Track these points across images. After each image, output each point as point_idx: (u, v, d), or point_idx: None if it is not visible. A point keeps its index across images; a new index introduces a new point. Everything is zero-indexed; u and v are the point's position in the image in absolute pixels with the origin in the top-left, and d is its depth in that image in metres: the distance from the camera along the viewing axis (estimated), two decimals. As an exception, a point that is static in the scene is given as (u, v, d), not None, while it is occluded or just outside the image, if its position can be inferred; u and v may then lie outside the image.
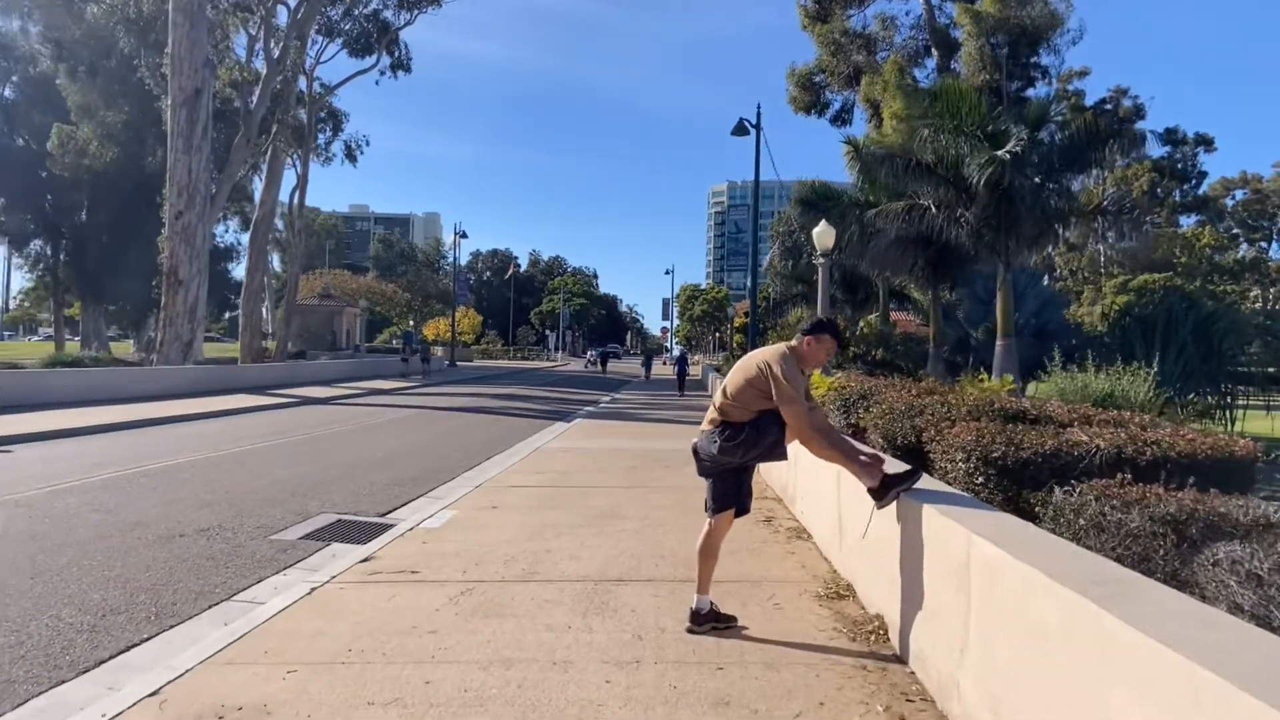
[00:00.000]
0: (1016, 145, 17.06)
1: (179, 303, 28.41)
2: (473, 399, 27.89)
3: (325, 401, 25.78)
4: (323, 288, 70.84)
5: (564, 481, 10.28)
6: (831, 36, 49.87)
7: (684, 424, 19.17)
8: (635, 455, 12.98)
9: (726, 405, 4.66)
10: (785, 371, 4.46)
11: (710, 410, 4.80)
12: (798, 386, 4.48)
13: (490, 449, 14.35)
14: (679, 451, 13.33)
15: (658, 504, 8.74)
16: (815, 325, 4.74)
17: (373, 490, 10.05)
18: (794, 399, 4.44)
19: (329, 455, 13.06)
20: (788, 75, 52.62)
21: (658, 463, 12.11)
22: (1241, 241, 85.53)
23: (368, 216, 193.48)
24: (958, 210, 19.28)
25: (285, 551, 7.00)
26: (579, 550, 6.65)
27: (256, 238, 42.46)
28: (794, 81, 52.63)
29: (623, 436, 16.20)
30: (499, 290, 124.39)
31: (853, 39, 50.20)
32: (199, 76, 28.57)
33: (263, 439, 15.00)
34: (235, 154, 36.87)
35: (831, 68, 51.15)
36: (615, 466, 11.68)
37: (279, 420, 18.94)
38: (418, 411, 22.64)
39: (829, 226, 15.71)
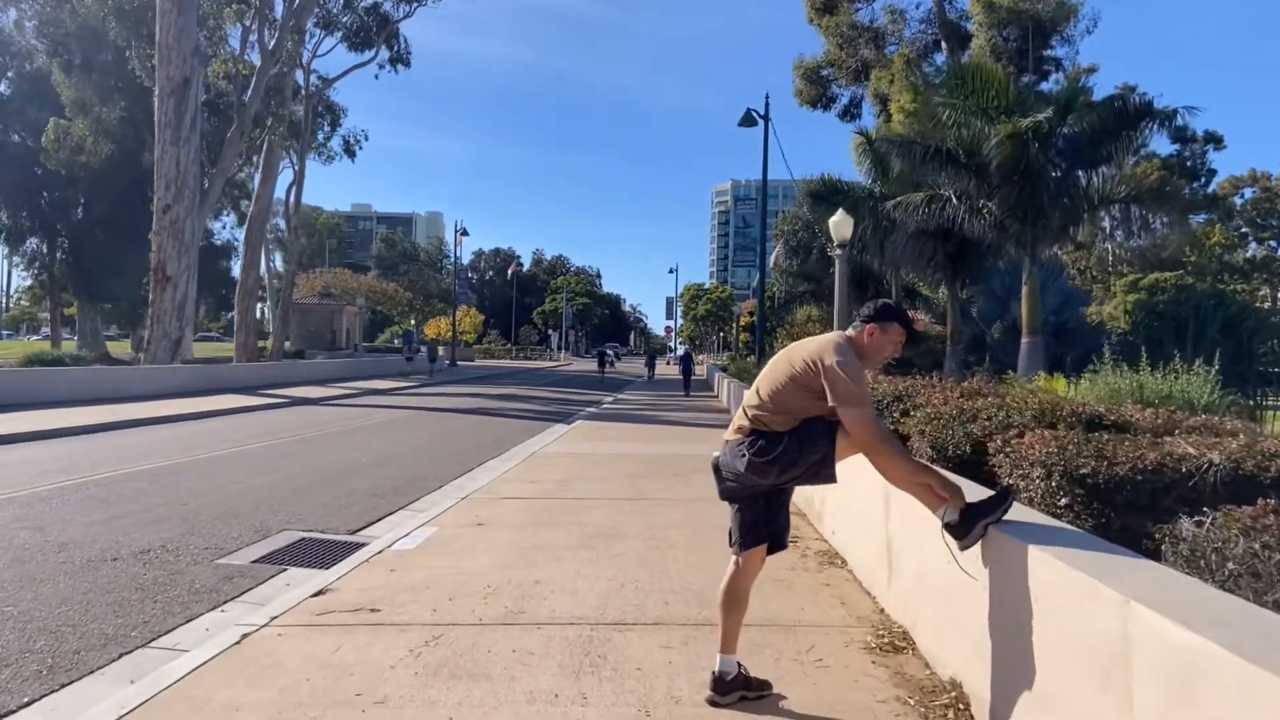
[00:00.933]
0: (1043, 119, 15.99)
1: (167, 300, 27.44)
2: (471, 399, 26.89)
3: (318, 402, 24.78)
4: (323, 286, 69.98)
5: (560, 492, 9.25)
6: (839, 30, 48.90)
7: (690, 426, 18.15)
8: (639, 461, 11.95)
9: (760, 410, 3.63)
10: (845, 365, 3.43)
11: (737, 417, 3.77)
12: (863, 385, 3.45)
13: (483, 453, 13.33)
14: (687, 457, 12.29)
15: (665, 520, 7.71)
16: (882, 310, 3.68)
17: (349, 501, 9.03)
18: (861, 399, 3.41)
19: (309, 460, 12.05)
20: (794, 68, 51.59)
21: (664, 470, 11.07)
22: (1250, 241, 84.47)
23: (370, 215, 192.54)
24: (980, 200, 18.23)
25: (230, 580, 5.98)
26: (573, 581, 5.62)
27: (251, 234, 41.46)
28: (800, 75, 51.63)
29: (626, 440, 15.18)
30: (501, 290, 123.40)
31: (861, 32, 49.20)
32: (187, 65, 27.60)
33: (242, 442, 13.99)
34: (228, 147, 35.87)
35: (839, 61, 50.17)
36: (617, 474, 10.65)
37: (265, 422, 17.94)
38: (412, 413, 21.64)
39: (846, 216, 14.68)
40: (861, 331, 3.63)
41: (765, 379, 3.69)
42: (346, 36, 45.86)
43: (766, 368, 3.78)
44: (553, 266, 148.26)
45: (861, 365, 3.50)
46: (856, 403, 3.39)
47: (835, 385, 3.40)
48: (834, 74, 50.93)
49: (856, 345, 3.59)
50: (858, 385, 3.41)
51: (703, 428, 17.87)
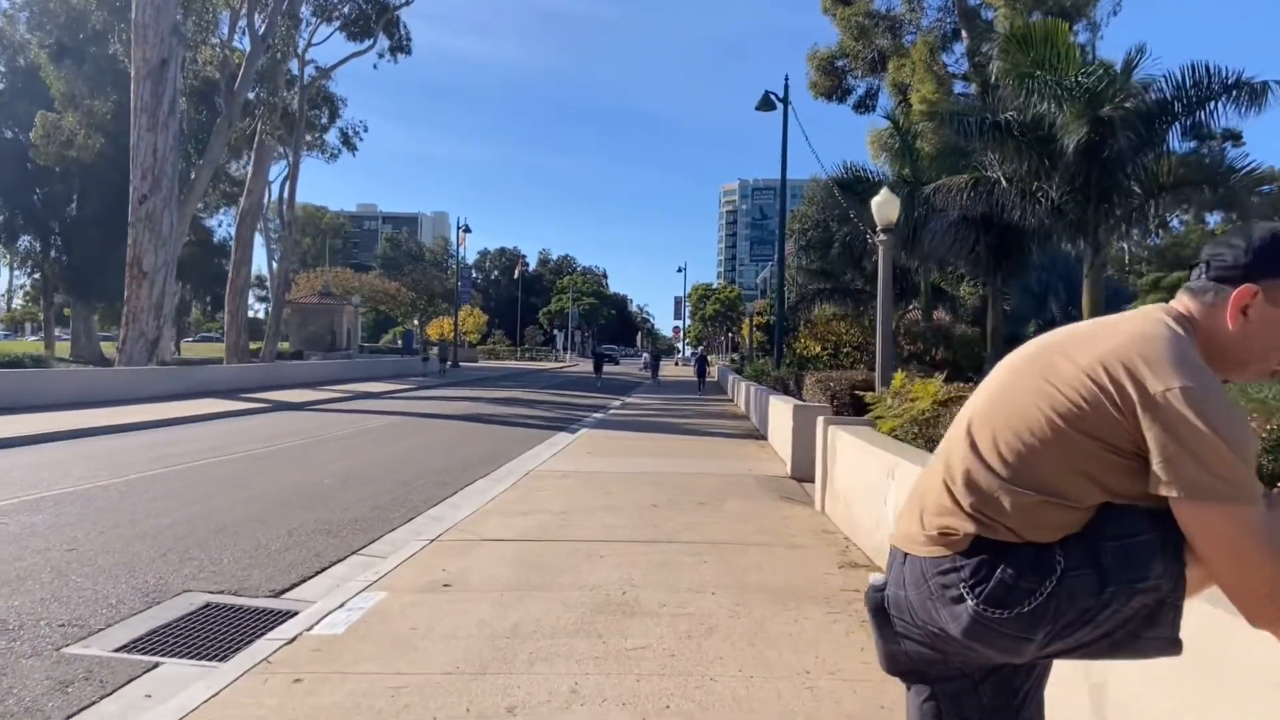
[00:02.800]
0: (1123, 100, 14.02)
1: (143, 296, 25.59)
2: (469, 404, 24.98)
3: (302, 407, 22.90)
4: (322, 286, 68.24)
5: (557, 530, 7.29)
6: (854, 19, 47.14)
7: (709, 436, 16.18)
8: (655, 482, 9.99)
9: (995, 492, 1.59)
10: (1201, 398, 1.43)
11: (921, 497, 1.77)
12: (1245, 448, 1.44)
13: (471, 472, 11.40)
14: (710, 478, 10.33)
15: (697, 580, 5.74)
16: (1272, 249, 1.60)
17: (289, 543, 7.10)
18: (1241, 486, 1.41)
19: (261, 482, 10.12)
20: (808, 59, 49.80)
21: (685, 496, 9.11)
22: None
23: (375, 216, 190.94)
24: (1034, 183, 16.24)
25: (65, 690, 4.04)
26: (567, 704, 3.66)
27: (243, 230, 39.74)
28: (815, 66, 49.85)
29: (637, 453, 13.22)
30: (507, 290, 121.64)
31: (877, 21, 47.39)
32: (165, 46, 25.74)
33: (190, 458, 12.06)
34: (216, 137, 34.05)
35: (854, 51, 48.48)
36: (629, 503, 8.69)
37: (235, 430, 16.04)
38: (402, 420, 19.73)
39: (891, 195, 12.73)
40: (1220, 304, 1.62)
41: (996, 416, 1.66)
42: (344, 25, 44.13)
43: (991, 385, 1.77)
44: (559, 266, 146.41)
45: (1224, 392, 1.50)
46: (1232, 495, 1.41)
47: (1181, 452, 1.42)
48: (849, 65, 49.32)
49: (1209, 337, 1.59)
50: (1233, 449, 1.42)
51: (723, 438, 15.90)
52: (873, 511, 6.25)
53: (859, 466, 6.82)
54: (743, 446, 14.46)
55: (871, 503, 6.33)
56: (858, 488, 6.84)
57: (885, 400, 8.19)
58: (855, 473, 6.95)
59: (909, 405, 7.14)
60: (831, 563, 6.17)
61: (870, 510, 6.33)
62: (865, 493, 6.55)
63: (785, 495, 9.41)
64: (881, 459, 6.10)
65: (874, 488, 6.23)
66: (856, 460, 6.95)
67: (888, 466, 5.88)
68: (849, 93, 50.27)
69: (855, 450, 7.00)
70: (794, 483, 10.45)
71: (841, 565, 6.07)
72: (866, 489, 6.54)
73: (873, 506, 6.28)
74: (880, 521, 6.00)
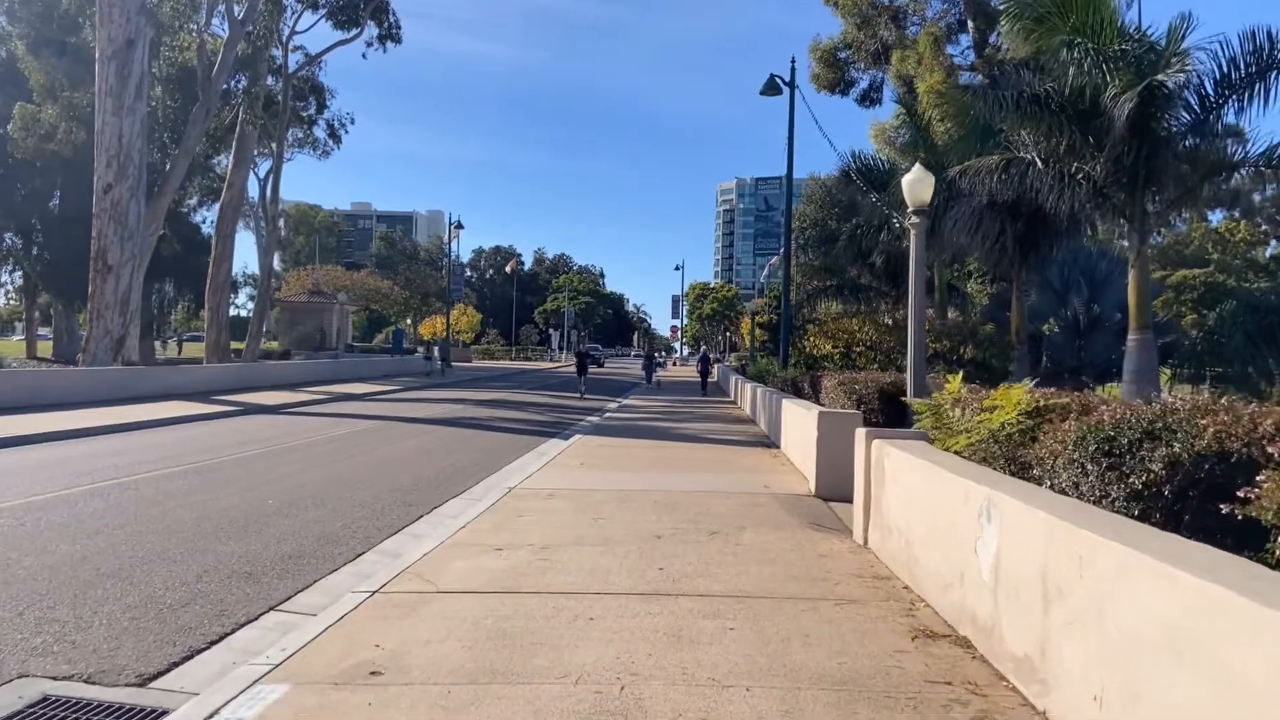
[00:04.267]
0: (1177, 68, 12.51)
1: (108, 292, 23.98)
2: (456, 407, 23.41)
3: (276, 410, 21.33)
4: (312, 284, 66.68)
5: (536, 575, 5.74)
6: (857, 9, 45.78)
7: (714, 444, 14.62)
8: (656, 504, 8.44)
9: None
10: None
11: None
12: None
13: (446, 489, 9.85)
14: (722, 498, 8.77)
15: (724, 663, 4.18)
16: None
17: (191, 593, 5.55)
18: None
19: (194, 503, 8.55)
20: (810, 50, 48.42)
21: (694, 523, 7.56)
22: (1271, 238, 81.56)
23: (370, 214, 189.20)
24: (1073, 163, 14.71)
25: None
26: None
27: (223, 224, 38.14)
28: (817, 58, 48.50)
29: (635, 465, 11.67)
30: (502, 289, 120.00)
31: (880, 11, 46.02)
32: (132, 25, 24.15)
33: (125, 471, 10.48)
34: (193, 127, 32.47)
35: (857, 43, 47.17)
36: (626, 531, 7.14)
37: (190, 437, 14.46)
38: (381, 424, 18.17)
39: (925, 173, 11.20)
40: None
41: None
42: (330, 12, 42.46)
43: None
44: (555, 265, 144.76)
45: None
46: None
47: None
48: (852, 56, 48.04)
49: None
50: None
51: (730, 445, 14.35)
52: (952, 559, 4.71)
53: (926, 496, 5.28)
54: (753, 456, 12.91)
55: (948, 546, 4.79)
56: (924, 523, 5.30)
57: (942, 409, 6.65)
58: (920, 504, 5.40)
59: (984, 417, 5.60)
60: (900, 630, 4.62)
61: (948, 556, 4.79)
62: (938, 532, 5.01)
63: (814, 521, 7.87)
64: (966, 491, 4.56)
65: (954, 527, 4.69)
66: (921, 487, 5.41)
67: (978, 502, 4.34)
68: (852, 85, 48.99)
69: (918, 474, 5.46)
70: (820, 504, 8.91)
71: (915, 635, 4.53)
72: (938, 527, 5.00)
73: (950, 551, 4.74)
74: (965, 575, 4.46)
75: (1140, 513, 3.99)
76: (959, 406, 6.25)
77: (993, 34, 43.43)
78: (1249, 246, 78.42)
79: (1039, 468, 5.00)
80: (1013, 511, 3.92)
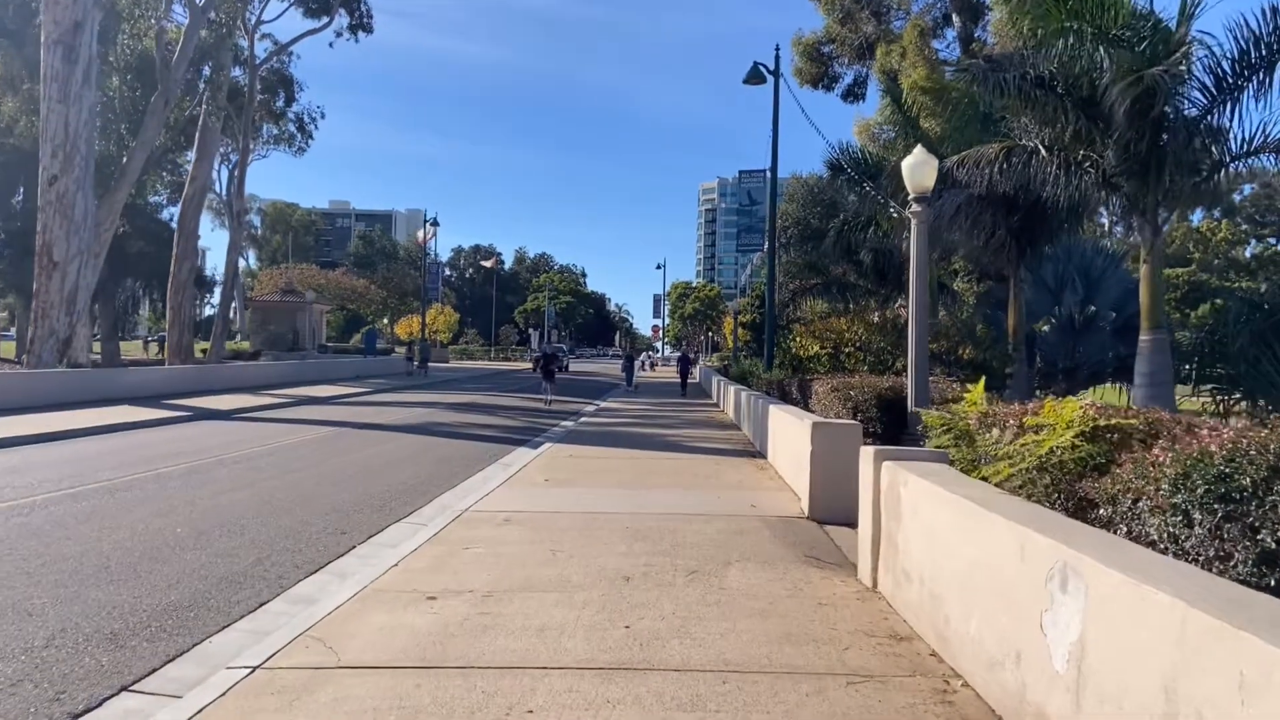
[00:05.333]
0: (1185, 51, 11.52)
1: (53, 290, 22.58)
2: (423, 411, 22.18)
3: (230, 415, 20.04)
4: (285, 282, 65.07)
5: (468, 641, 4.57)
6: (840, 3, 44.90)
7: (696, 453, 13.49)
8: (627, 531, 7.29)
9: None
10: None
11: None
12: None
13: (388, 511, 8.66)
14: (704, 520, 7.60)
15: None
16: None
17: (28, 668, 4.35)
18: None
19: (83, 533, 7.31)
20: (793, 44, 47.49)
21: (671, 557, 6.41)
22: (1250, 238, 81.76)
23: (349, 213, 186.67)
24: (1079, 151, 13.68)
25: None
26: None
27: (186, 220, 36.66)
28: (800, 52, 47.59)
29: (607, 479, 10.51)
30: (482, 288, 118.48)
31: (863, 5, 45.18)
32: (79, 7, 22.75)
33: (27, 491, 9.21)
34: (151, 117, 30.97)
35: (841, 37, 46.34)
36: (589, 571, 5.99)
37: (120, 448, 13.16)
38: (338, 432, 16.92)
39: (928, 155, 10.09)
40: None
41: None
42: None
43: None
44: (535, 265, 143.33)
45: None
46: None
47: None
48: (835, 51, 47.24)
49: None
50: None
51: (712, 455, 13.21)
52: (1002, 629, 3.59)
53: (961, 540, 4.16)
54: (738, 469, 11.78)
55: (996, 611, 3.67)
56: (958, 574, 4.18)
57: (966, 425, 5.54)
58: (952, 548, 4.28)
59: (1028, 439, 4.49)
60: (938, 728, 3.50)
61: (996, 625, 3.67)
62: (980, 590, 3.89)
63: (810, 553, 6.74)
64: (1024, 542, 3.43)
65: (1005, 588, 3.57)
66: (953, 527, 4.29)
67: (1045, 560, 3.22)
68: (836, 80, 48.20)
69: (949, 511, 4.34)
70: (815, 528, 7.80)
71: None
72: (980, 583, 3.88)
73: (999, 619, 3.62)
74: (1024, 655, 3.34)
75: (1278, 583, 2.88)
76: (993, 425, 5.12)
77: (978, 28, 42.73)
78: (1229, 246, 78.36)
79: (1108, 508, 3.89)
80: (1109, 585, 2.80)
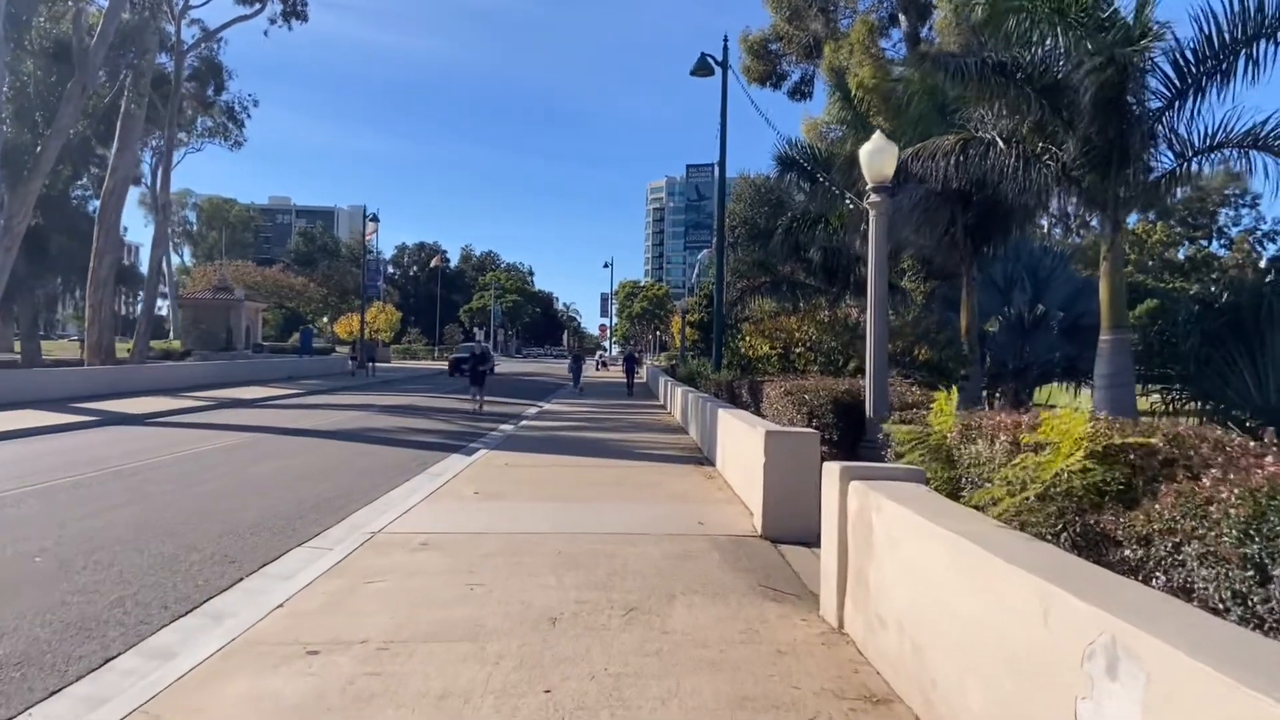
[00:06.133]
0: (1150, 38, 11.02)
1: (-51, 286, 20.92)
2: (355, 414, 21.01)
3: (141, 420, 18.72)
4: (218, 280, 62.79)
5: (348, 716, 3.67)
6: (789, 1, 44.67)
7: (642, 460, 12.63)
8: (560, 560, 6.41)
9: None
10: None
11: None
12: None
13: (288, 535, 7.65)
14: (647, 542, 6.71)
15: None
16: None
17: None
18: None
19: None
20: (740, 41, 47.08)
21: (607, 590, 5.54)
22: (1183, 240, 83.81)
23: (289, 209, 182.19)
24: (1039, 144, 13.15)
25: None
26: None
27: (106, 213, 34.64)
28: (747, 49, 47.26)
29: (543, 491, 9.61)
30: (426, 286, 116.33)
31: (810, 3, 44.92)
32: (-25, -19, 21.10)
33: None
34: (66, 104, 29.12)
35: (789, 34, 46.12)
36: (510, 614, 5.09)
37: (13, 458, 11.88)
38: (257, 438, 15.74)
39: (887, 142, 9.38)
40: None
41: None
42: (230, -16, 39.34)
43: None
44: (482, 263, 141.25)
45: None
46: None
47: None
48: (783, 49, 47.07)
49: None
50: None
51: (658, 462, 12.37)
52: (1016, 706, 2.79)
53: (957, 585, 3.36)
54: (684, 477, 10.96)
55: (999, 677, 2.87)
56: (952, 627, 3.38)
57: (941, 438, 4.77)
58: (943, 593, 3.48)
59: (1031, 460, 3.71)
60: None
61: (1006, 701, 2.87)
62: (983, 651, 3.09)
63: (766, 582, 5.93)
64: (1047, 601, 2.64)
65: (1019, 656, 2.78)
66: (945, 568, 3.49)
67: (1083, 631, 2.42)
68: (784, 79, 48.07)
69: (940, 548, 3.55)
70: (769, 549, 7.00)
71: None
72: (984, 643, 3.09)
73: (1004, 689, 2.83)
74: None
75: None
76: (977, 437, 4.34)
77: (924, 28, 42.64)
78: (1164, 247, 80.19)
79: (1135, 549, 3.12)
80: (1186, 679, 2.00)
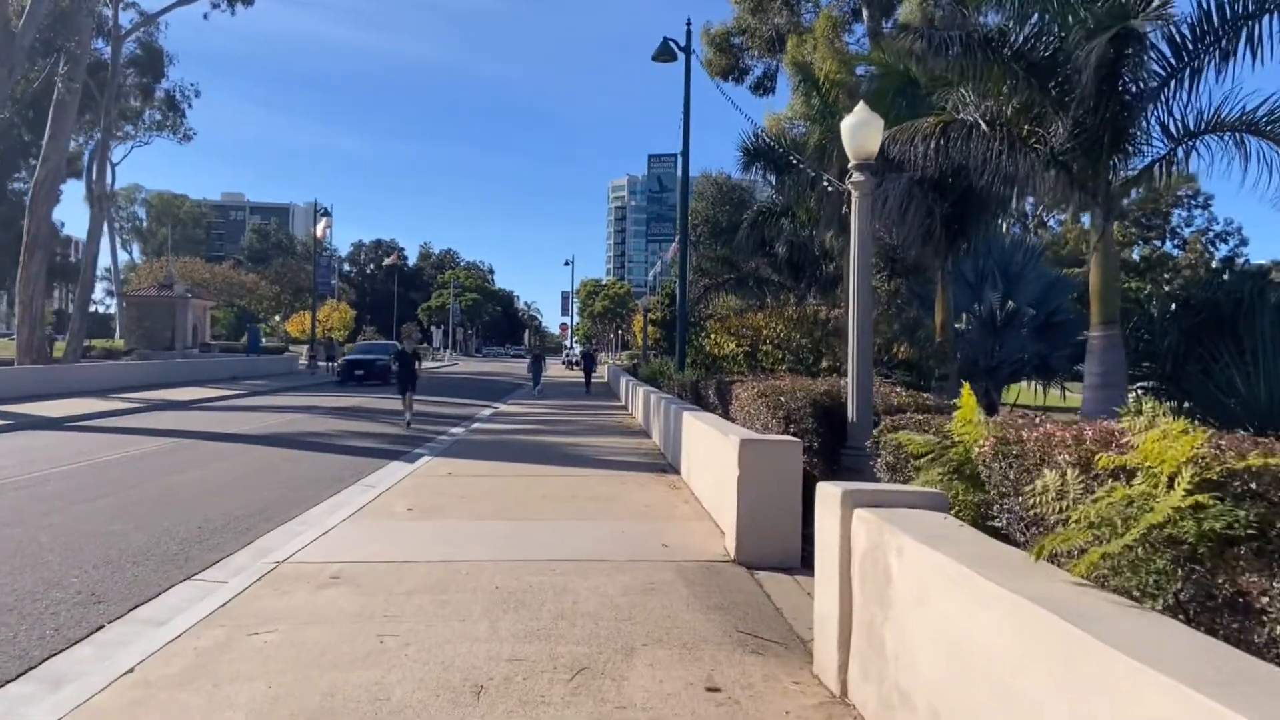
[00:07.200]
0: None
1: None
2: (295, 416, 19.70)
3: (59, 424, 17.29)
4: (164, 276, 60.54)
5: None
6: (750, -7, 44.11)
7: (600, 468, 11.56)
8: (497, 598, 5.34)
9: None
10: None
11: None
12: None
13: (175, 566, 6.48)
14: (602, 574, 5.59)
15: None
16: None
17: None
18: None
19: None
20: (702, 35, 46.40)
21: (552, 644, 4.48)
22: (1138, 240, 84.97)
23: (243, 205, 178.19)
24: (1025, 126, 12.31)
25: None
26: None
27: (37, 206, 32.79)
28: (709, 42, 46.66)
29: (484, 507, 8.51)
30: (383, 284, 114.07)
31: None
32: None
33: None
34: (-10, 88, 27.36)
35: (752, 28, 45.60)
36: (425, 681, 4.02)
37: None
38: (181, 444, 14.42)
39: (871, 114, 8.43)
40: None
41: None
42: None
43: None
44: (441, 261, 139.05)
45: None
46: None
47: None
48: (746, 43, 46.61)
49: None
50: None
51: (619, 470, 11.31)
52: None
53: (1037, 676, 2.35)
54: (646, 488, 9.91)
55: None
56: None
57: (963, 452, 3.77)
58: (1012, 684, 2.46)
59: (1121, 494, 2.71)
60: None
61: None
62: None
63: (743, 625, 4.90)
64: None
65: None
66: (1001, 636, 2.48)
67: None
68: (747, 73, 47.66)
69: (995, 612, 2.53)
70: (745, 577, 5.98)
71: None
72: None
73: None
74: None
75: None
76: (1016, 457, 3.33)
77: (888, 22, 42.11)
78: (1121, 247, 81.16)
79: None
80: None
